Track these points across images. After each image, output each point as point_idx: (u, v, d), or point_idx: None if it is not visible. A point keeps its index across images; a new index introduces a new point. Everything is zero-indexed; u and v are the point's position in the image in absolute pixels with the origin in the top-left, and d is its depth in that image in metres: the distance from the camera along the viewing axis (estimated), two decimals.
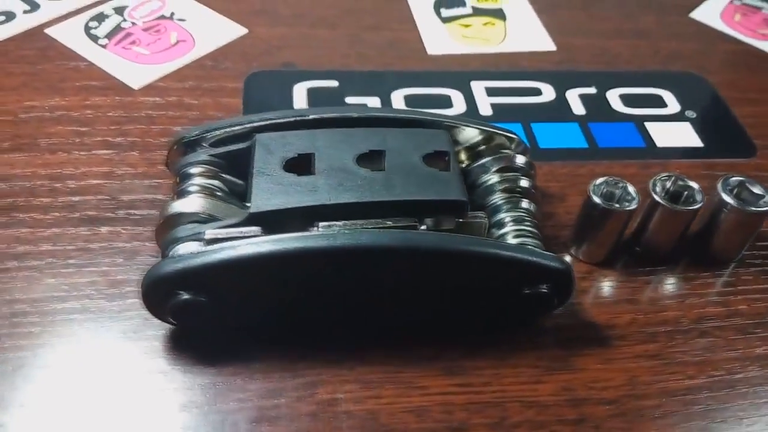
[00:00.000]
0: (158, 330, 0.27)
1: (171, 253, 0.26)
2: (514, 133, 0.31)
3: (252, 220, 0.26)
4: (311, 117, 0.29)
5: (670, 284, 0.31)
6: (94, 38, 0.40)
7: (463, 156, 0.31)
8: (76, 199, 0.31)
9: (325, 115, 0.29)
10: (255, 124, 0.29)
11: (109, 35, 0.40)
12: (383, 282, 0.26)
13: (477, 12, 0.46)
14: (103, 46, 0.40)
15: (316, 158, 0.27)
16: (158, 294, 0.24)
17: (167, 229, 0.27)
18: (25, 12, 0.42)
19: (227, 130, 0.29)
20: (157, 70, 0.38)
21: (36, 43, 0.40)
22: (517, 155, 0.30)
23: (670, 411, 0.26)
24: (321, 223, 0.25)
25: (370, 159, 0.28)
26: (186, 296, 0.24)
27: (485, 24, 0.45)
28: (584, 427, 0.25)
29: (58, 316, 0.27)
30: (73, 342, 0.26)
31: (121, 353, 0.26)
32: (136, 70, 0.38)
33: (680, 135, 0.38)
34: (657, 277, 0.31)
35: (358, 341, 0.27)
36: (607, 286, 0.30)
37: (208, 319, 0.25)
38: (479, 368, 0.27)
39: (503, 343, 0.28)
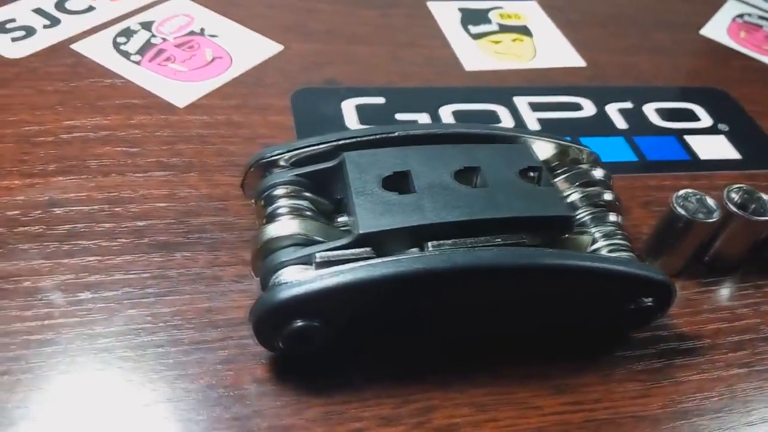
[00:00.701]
0: (258, 359, 0.25)
1: (276, 278, 0.24)
2: (587, 147, 0.31)
3: (361, 241, 0.25)
4: (397, 134, 0.29)
5: (742, 293, 0.31)
6: (126, 54, 0.38)
7: None
8: (142, 223, 0.29)
9: (411, 132, 0.29)
10: (340, 142, 0.28)
11: (141, 51, 0.38)
12: (497, 299, 0.25)
13: (503, 29, 0.46)
14: (137, 63, 0.38)
15: (413, 176, 0.27)
16: (272, 321, 0.23)
17: (265, 254, 0.25)
18: (45, 27, 0.39)
19: (311, 149, 0.28)
20: (198, 87, 0.37)
21: (63, 59, 0.37)
22: (596, 168, 0.31)
23: None
24: (431, 243, 0.25)
25: (465, 175, 0.27)
26: (301, 322, 0.23)
27: (514, 40, 0.45)
28: None
29: (149, 349, 0.25)
30: (171, 376, 0.24)
31: (222, 386, 0.24)
32: (176, 88, 0.36)
33: (718, 148, 0.39)
34: (728, 286, 0.32)
35: (462, 361, 0.26)
36: (685, 297, 0.31)
37: (319, 344, 0.24)
38: (587, 385, 0.26)
39: (604, 358, 0.27)
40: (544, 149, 0.31)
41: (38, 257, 0.27)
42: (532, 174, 0.29)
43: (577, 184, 0.30)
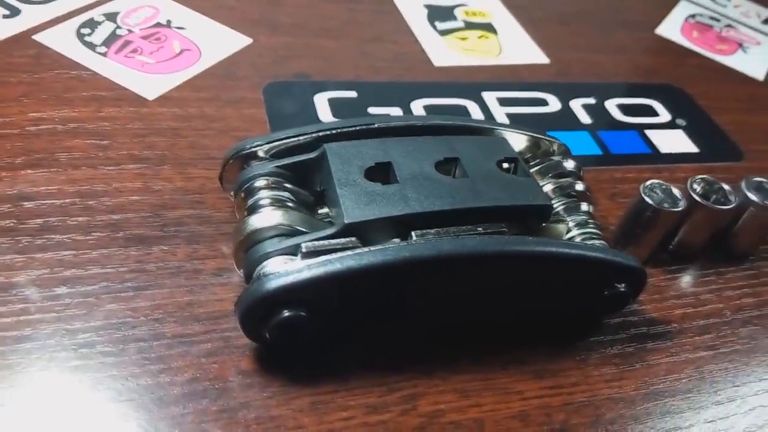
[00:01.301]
0: (243, 351, 0.25)
1: (261, 269, 0.24)
2: (558, 139, 0.32)
3: (347, 231, 0.25)
4: (376, 126, 0.29)
5: (705, 279, 0.33)
6: (91, 46, 0.37)
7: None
8: (117, 217, 0.29)
9: (390, 124, 0.29)
10: (320, 134, 0.28)
11: (107, 43, 0.38)
12: (481, 287, 0.26)
13: (469, 26, 0.47)
14: (103, 54, 0.37)
15: (395, 166, 0.27)
16: (260, 312, 0.23)
17: (248, 246, 0.25)
18: (5, 17, 0.38)
19: (291, 140, 0.28)
20: (168, 80, 0.36)
21: (26, 50, 0.36)
22: (567, 160, 0.31)
23: (738, 396, 0.28)
24: (415, 232, 0.25)
25: (445, 166, 0.28)
26: (288, 312, 0.23)
27: (480, 37, 0.46)
28: (671, 417, 0.26)
29: (131, 344, 0.24)
30: (155, 370, 0.24)
31: (207, 379, 0.24)
32: (145, 80, 0.36)
33: (677, 142, 0.41)
34: (692, 273, 0.33)
35: (445, 349, 0.27)
36: (653, 284, 0.32)
37: (305, 334, 0.24)
38: (565, 369, 0.27)
39: (579, 343, 0.28)
40: (517, 141, 0.32)
41: (10, 252, 0.26)
42: (507, 165, 0.29)
43: (550, 175, 0.31)
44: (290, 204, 0.27)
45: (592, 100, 0.43)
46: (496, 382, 0.26)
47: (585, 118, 0.41)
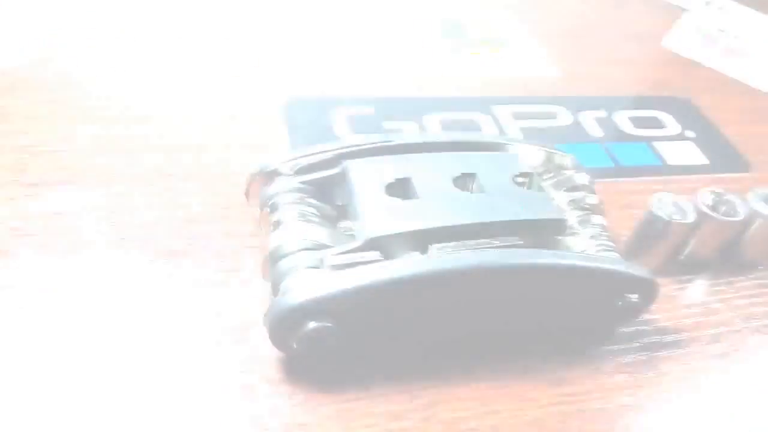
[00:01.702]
0: (270, 361, 0.26)
1: (288, 282, 0.25)
2: (571, 153, 0.33)
3: (369, 244, 0.26)
4: (396, 143, 0.30)
5: (715, 289, 0.34)
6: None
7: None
8: (146, 231, 0.30)
9: (409, 141, 0.30)
10: (341, 151, 0.29)
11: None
12: (499, 299, 0.27)
13: (482, 40, 0.48)
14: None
15: (414, 182, 0.28)
16: (288, 323, 0.24)
17: (275, 259, 0.26)
18: (33, 36, 0.39)
19: (314, 157, 0.29)
20: (190, 97, 0.37)
21: (54, 68, 0.38)
22: (579, 173, 0.32)
23: (748, 403, 0.29)
24: (435, 245, 0.26)
25: (462, 181, 0.29)
26: (315, 323, 0.24)
27: (492, 51, 0.47)
28: (683, 425, 0.27)
29: (160, 355, 0.26)
30: (184, 379, 0.25)
31: (236, 387, 0.25)
32: (160, 97, 0.37)
33: (686, 153, 0.42)
34: (703, 283, 0.34)
35: (463, 358, 0.28)
36: (664, 294, 0.33)
37: (330, 344, 0.25)
38: (580, 377, 0.28)
39: (594, 352, 0.29)
40: (531, 156, 0.33)
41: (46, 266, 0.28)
42: (522, 180, 0.30)
43: (563, 189, 0.32)
44: (314, 218, 0.28)
45: (602, 113, 0.44)
46: (513, 390, 0.27)
47: (595, 131, 0.42)
